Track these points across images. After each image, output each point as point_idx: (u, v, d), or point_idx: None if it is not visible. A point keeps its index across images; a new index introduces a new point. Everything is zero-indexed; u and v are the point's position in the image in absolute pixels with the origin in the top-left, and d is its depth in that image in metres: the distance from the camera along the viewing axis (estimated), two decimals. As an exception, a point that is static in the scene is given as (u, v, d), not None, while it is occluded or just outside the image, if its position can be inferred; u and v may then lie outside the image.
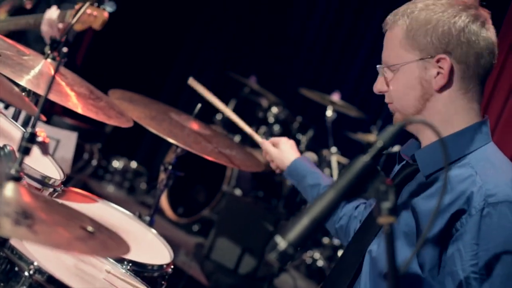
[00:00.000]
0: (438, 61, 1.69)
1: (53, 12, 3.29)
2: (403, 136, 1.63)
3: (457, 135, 1.72)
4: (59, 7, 3.30)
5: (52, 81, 1.36)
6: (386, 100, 1.84)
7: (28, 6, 3.55)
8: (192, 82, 2.90)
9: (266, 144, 2.46)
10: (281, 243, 1.17)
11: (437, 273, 1.65)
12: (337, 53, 6.74)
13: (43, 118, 2.57)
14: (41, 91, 2.21)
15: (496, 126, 3.63)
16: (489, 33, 1.72)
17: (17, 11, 3.62)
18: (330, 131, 5.57)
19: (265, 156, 2.48)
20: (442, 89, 1.71)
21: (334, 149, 5.48)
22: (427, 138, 1.77)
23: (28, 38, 3.61)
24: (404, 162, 1.88)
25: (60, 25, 3.26)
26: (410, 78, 1.73)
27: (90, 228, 1.34)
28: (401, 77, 1.75)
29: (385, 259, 1.71)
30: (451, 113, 1.73)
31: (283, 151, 2.39)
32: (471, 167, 1.66)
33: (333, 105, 5.63)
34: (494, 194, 1.59)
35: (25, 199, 1.33)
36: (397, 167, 1.93)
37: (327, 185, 2.23)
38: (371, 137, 5.54)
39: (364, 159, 1.19)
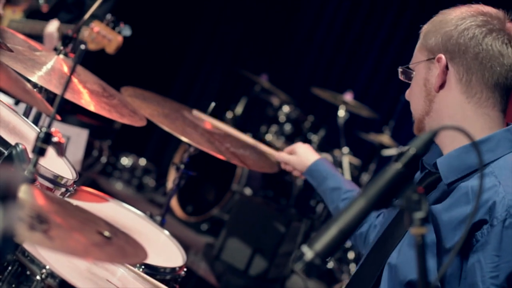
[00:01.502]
0: (438, 61, 1.70)
1: (52, 26, 3.26)
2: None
3: (481, 142, 1.66)
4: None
5: (68, 82, 1.31)
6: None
7: (45, 9, 3.51)
8: (195, 113, 2.86)
9: (282, 154, 2.45)
10: (308, 253, 1.12)
11: (458, 284, 1.59)
12: (349, 52, 6.69)
13: (59, 118, 2.53)
14: (53, 88, 2.16)
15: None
16: (506, 46, 1.66)
17: (34, 14, 3.58)
18: (342, 131, 5.51)
19: (285, 168, 2.45)
20: (439, 89, 1.71)
21: (346, 149, 5.42)
22: (449, 145, 1.72)
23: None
24: (427, 170, 1.83)
25: None
26: (418, 79, 1.76)
27: (107, 233, 1.28)
28: (414, 78, 1.78)
29: (404, 267, 1.68)
30: (459, 117, 1.69)
31: (301, 154, 2.38)
32: (495, 177, 1.60)
33: (345, 105, 5.57)
34: None
35: (40, 202, 1.28)
36: (418, 175, 1.88)
37: (348, 190, 2.21)
38: (383, 138, 5.49)
39: (397, 167, 1.14)
